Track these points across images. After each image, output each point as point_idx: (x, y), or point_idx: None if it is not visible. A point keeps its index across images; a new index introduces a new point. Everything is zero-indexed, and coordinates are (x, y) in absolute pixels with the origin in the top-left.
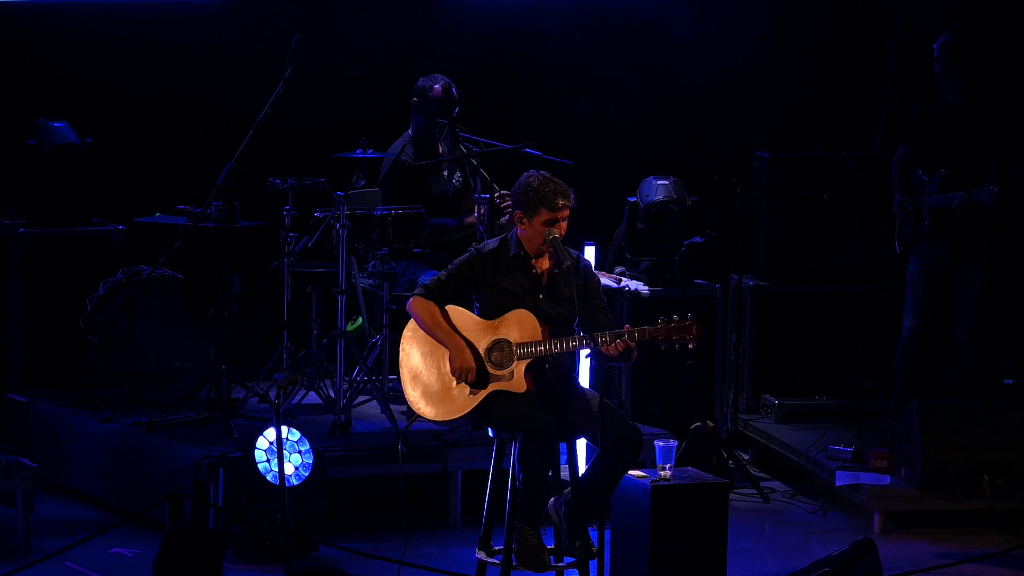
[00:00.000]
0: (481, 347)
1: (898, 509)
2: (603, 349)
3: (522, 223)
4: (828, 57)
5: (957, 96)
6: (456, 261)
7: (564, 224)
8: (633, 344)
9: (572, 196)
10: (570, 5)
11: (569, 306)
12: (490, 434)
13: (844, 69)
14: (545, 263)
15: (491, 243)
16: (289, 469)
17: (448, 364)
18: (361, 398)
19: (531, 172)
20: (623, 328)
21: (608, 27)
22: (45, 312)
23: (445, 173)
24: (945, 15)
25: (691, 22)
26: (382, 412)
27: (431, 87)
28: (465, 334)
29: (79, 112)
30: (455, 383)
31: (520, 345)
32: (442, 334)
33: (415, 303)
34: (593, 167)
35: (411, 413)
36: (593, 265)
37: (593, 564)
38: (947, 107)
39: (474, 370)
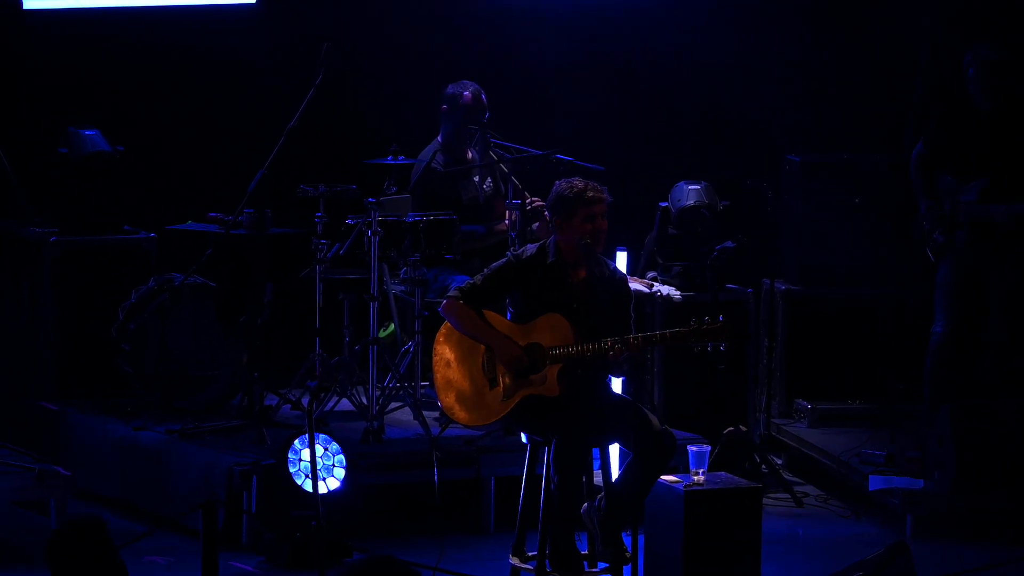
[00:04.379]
0: None
1: (931, 512)
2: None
3: (561, 228)
4: (859, 61)
5: (990, 104)
6: (492, 265)
7: (604, 223)
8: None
9: (605, 191)
10: (597, 10)
11: (601, 317)
12: (523, 439)
13: (874, 73)
14: (582, 272)
15: (530, 249)
16: (322, 476)
17: (481, 369)
18: (393, 404)
19: (559, 181)
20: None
21: (639, 31)
22: (77, 320)
23: (476, 179)
24: (975, 19)
25: (721, 26)
26: (415, 418)
27: (461, 94)
28: None
29: (110, 120)
30: (488, 387)
31: (552, 349)
32: (480, 332)
33: (449, 306)
34: (624, 172)
35: (444, 419)
36: (625, 270)
37: (627, 569)
38: (978, 114)
39: (524, 356)
